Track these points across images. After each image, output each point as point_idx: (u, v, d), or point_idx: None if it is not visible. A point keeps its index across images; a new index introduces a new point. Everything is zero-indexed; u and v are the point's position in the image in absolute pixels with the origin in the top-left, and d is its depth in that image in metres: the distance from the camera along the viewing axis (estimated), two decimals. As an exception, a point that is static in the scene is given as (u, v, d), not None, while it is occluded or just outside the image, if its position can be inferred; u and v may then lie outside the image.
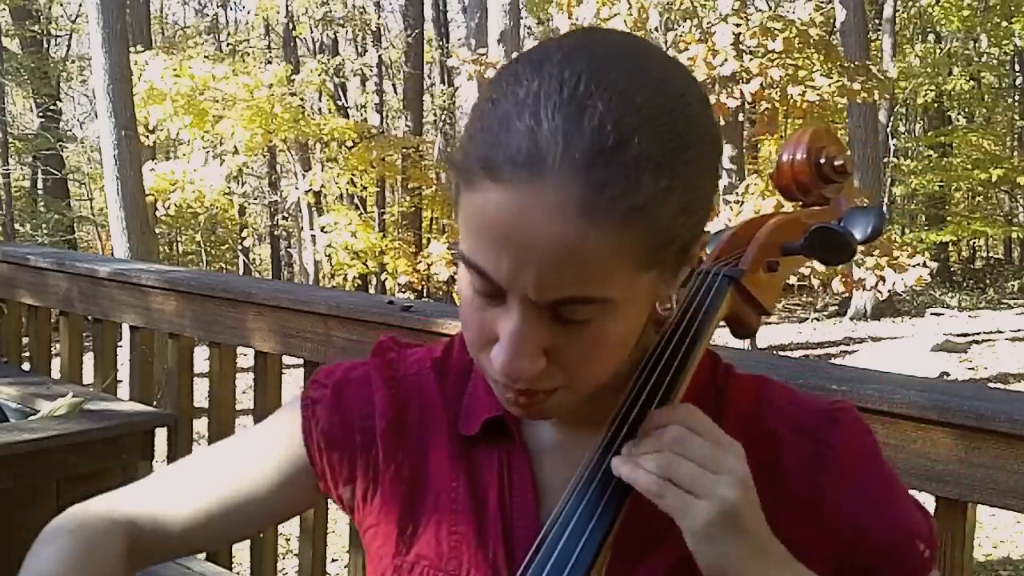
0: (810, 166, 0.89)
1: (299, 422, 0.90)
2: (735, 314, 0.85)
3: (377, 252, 13.94)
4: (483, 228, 0.66)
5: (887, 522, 0.79)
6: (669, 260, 0.70)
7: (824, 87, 8.68)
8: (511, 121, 0.65)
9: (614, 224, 0.64)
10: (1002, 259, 21.51)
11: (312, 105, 17.07)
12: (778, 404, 0.82)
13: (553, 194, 0.63)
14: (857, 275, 8.28)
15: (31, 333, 3.34)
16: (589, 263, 0.64)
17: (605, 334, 0.69)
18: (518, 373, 0.69)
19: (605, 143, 0.63)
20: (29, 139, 16.55)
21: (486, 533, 0.81)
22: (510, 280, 0.66)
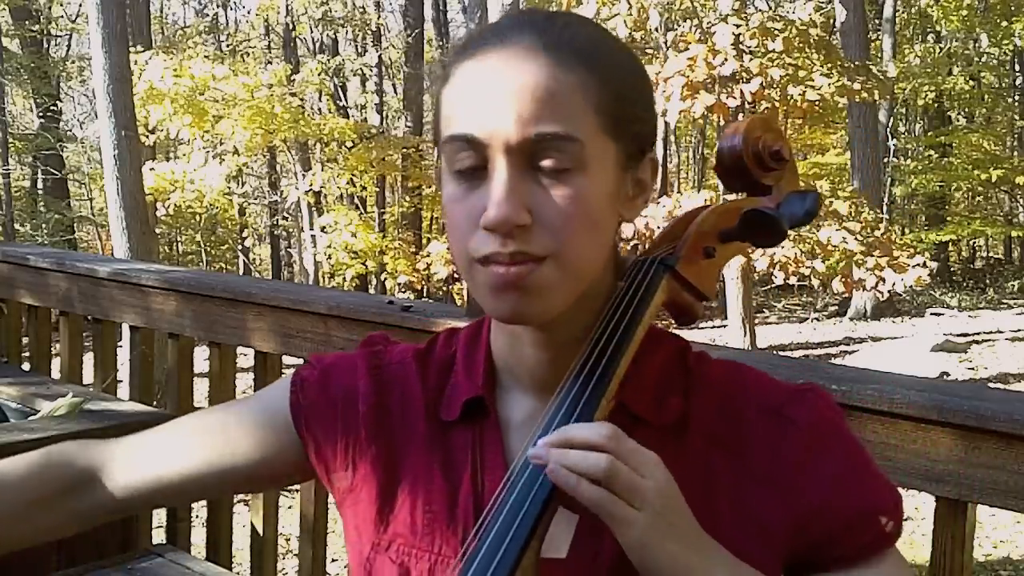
0: (747, 155, 0.92)
1: (287, 397, 0.95)
2: (673, 300, 0.88)
3: (377, 252, 13.94)
4: (463, 93, 0.78)
5: (847, 495, 0.81)
6: (627, 141, 0.80)
7: (824, 87, 8.68)
8: (480, 27, 0.84)
9: (573, 64, 0.77)
10: (1002, 259, 21.50)
11: (312, 105, 17.06)
12: (747, 385, 0.86)
13: (518, 46, 0.77)
14: (857, 275, 8.28)
15: (31, 333, 3.34)
16: (557, 96, 0.75)
17: (582, 193, 0.76)
18: (507, 220, 0.74)
19: (555, 17, 0.80)
20: (29, 139, 16.55)
21: (457, 510, 0.85)
22: (491, 128, 0.75)
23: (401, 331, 2.05)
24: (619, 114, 0.79)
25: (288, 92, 13.74)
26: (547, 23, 0.79)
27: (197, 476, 0.96)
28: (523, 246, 0.75)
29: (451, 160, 0.78)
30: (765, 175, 0.93)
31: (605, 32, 0.84)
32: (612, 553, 0.79)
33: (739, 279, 10.08)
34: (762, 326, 12.49)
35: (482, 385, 0.88)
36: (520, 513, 0.74)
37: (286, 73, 14.09)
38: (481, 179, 0.77)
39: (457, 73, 0.79)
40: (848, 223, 8.39)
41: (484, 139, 0.75)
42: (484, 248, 0.76)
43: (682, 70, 8.38)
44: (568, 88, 0.76)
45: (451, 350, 0.94)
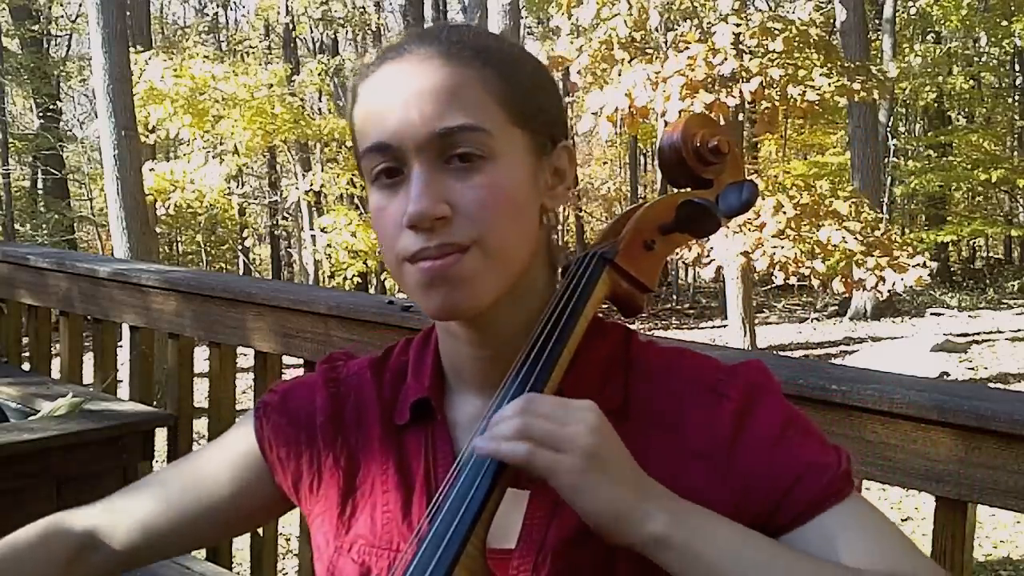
0: (687, 151, 0.94)
1: (252, 426, 0.99)
2: (615, 292, 0.91)
3: (377, 252, 13.93)
4: (369, 107, 0.83)
5: (780, 457, 0.81)
6: (535, 130, 0.84)
7: (824, 87, 8.68)
8: (374, 56, 0.86)
9: (469, 59, 0.81)
10: (1002, 259, 21.50)
11: (312, 105, 17.06)
12: (686, 366, 0.88)
13: (417, 56, 0.82)
14: (857, 275, 8.28)
15: (31, 333, 3.34)
16: (459, 91, 0.80)
17: (496, 180, 0.80)
18: (425, 214, 0.78)
19: (451, 26, 0.85)
20: (29, 139, 16.56)
21: (412, 509, 0.88)
22: (400, 131, 0.79)
23: (401, 331, 2.05)
24: (522, 104, 0.83)
25: (288, 92, 13.73)
26: (440, 32, 0.84)
27: (187, 518, 0.98)
28: (447, 238, 0.79)
29: (370, 172, 0.82)
30: (705, 169, 0.95)
31: (498, 36, 0.90)
32: (557, 540, 0.82)
33: (739, 279, 10.08)
34: (762, 326, 12.49)
35: (428, 387, 0.91)
36: (463, 502, 0.76)
37: (286, 73, 14.09)
38: (400, 184, 0.81)
39: (362, 91, 0.84)
40: (848, 223, 8.39)
41: (395, 143, 0.80)
42: (411, 246, 0.79)
43: (682, 70, 8.38)
44: (467, 81, 0.80)
45: (406, 356, 0.97)
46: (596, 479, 0.73)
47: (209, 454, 1.02)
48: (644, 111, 8.72)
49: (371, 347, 2.15)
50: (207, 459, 1.01)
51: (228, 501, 0.98)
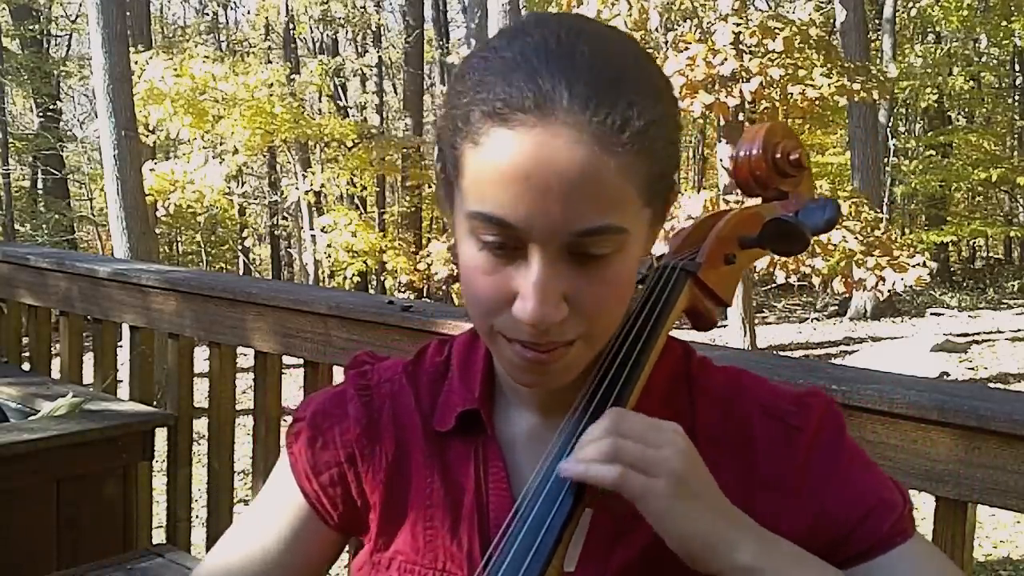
0: (766, 161, 0.91)
1: (288, 466, 0.92)
2: (694, 307, 0.88)
3: (377, 251, 13.95)
4: (500, 175, 0.69)
5: (856, 494, 0.81)
6: (659, 199, 0.75)
7: (824, 87, 8.68)
8: (507, 76, 0.70)
9: (623, 148, 0.69)
10: (1002, 259, 21.50)
11: (312, 105, 17.06)
12: (751, 391, 0.85)
13: (565, 127, 0.68)
14: (857, 275, 8.28)
15: (31, 333, 3.34)
16: (607, 188, 0.69)
17: (618, 273, 0.73)
18: (546, 320, 0.71)
19: (602, 77, 0.70)
20: (29, 139, 16.55)
21: (461, 526, 0.83)
22: (531, 220, 0.69)
23: (401, 331, 2.05)
24: (659, 181, 0.74)
25: (288, 92, 13.73)
26: (596, 86, 0.69)
27: None
28: (556, 336, 0.73)
29: (477, 231, 0.72)
30: (782, 181, 0.92)
31: (652, 73, 0.74)
32: (619, 567, 0.79)
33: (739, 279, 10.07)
34: (762, 326, 12.49)
35: (479, 398, 0.85)
36: (543, 527, 0.72)
37: (285, 73, 14.09)
38: (512, 257, 0.72)
39: (488, 141, 0.70)
40: (848, 223, 8.39)
41: (522, 227, 0.69)
42: (514, 333, 0.73)
43: (682, 70, 8.39)
44: (618, 177, 0.69)
45: (442, 357, 0.92)
46: (687, 505, 0.71)
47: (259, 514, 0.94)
48: (644, 111, 8.69)
49: (371, 347, 2.15)
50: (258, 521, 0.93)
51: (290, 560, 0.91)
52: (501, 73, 0.70)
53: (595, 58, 0.70)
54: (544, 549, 0.72)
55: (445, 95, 0.76)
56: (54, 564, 2.18)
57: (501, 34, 0.75)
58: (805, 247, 0.86)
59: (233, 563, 0.91)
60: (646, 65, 0.74)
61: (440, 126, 0.76)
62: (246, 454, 3.26)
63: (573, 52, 0.70)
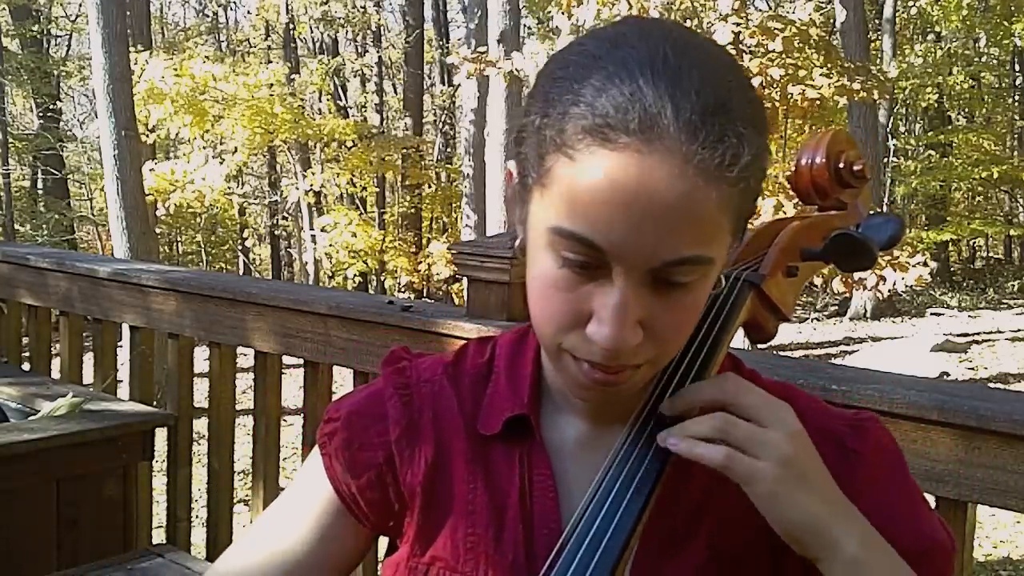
0: (829, 170, 0.89)
1: (321, 464, 0.89)
2: (754, 319, 0.85)
3: (377, 252, 13.95)
4: (596, 196, 0.66)
5: (910, 531, 0.78)
6: (743, 225, 0.73)
7: (824, 87, 8.68)
8: (608, 90, 0.66)
9: (726, 182, 0.66)
10: (1002, 259, 21.49)
11: (312, 105, 17.06)
12: (803, 409, 0.81)
13: (670, 155, 0.65)
14: (857, 275, 8.27)
15: (31, 333, 3.34)
16: (704, 221, 0.67)
17: (697, 300, 0.71)
18: (622, 345, 0.69)
19: (709, 104, 0.66)
20: (29, 139, 16.55)
21: (504, 534, 0.80)
22: (623, 246, 0.66)
23: (401, 331, 2.05)
24: (748, 212, 0.72)
25: (288, 92, 13.74)
26: (702, 111, 0.66)
27: None
28: (628, 360, 0.71)
29: (560, 247, 0.69)
30: (843, 192, 0.90)
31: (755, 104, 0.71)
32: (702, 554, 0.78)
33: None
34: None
35: (527, 403, 0.83)
36: (607, 534, 0.71)
37: (285, 73, 14.09)
38: (593, 276, 0.69)
39: (588, 158, 0.66)
40: (848, 223, 8.39)
41: (609, 251, 0.67)
42: (584, 353, 0.71)
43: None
44: (715, 210, 0.67)
45: (484, 358, 0.89)
46: (795, 488, 0.70)
47: (287, 512, 0.91)
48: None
49: (371, 347, 2.16)
50: (286, 519, 0.90)
51: (319, 559, 0.88)
52: (603, 86, 0.67)
53: (704, 82, 0.67)
54: (610, 554, 0.70)
55: (532, 94, 0.72)
56: (54, 564, 2.18)
57: (598, 38, 0.71)
58: (872, 264, 0.83)
59: (258, 559, 0.89)
60: (749, 91, 0.71)
61: (524, 126, 0.72)
62: (246, 454, 3.26)
63: (681, 73, 0.67)
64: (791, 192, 5.63)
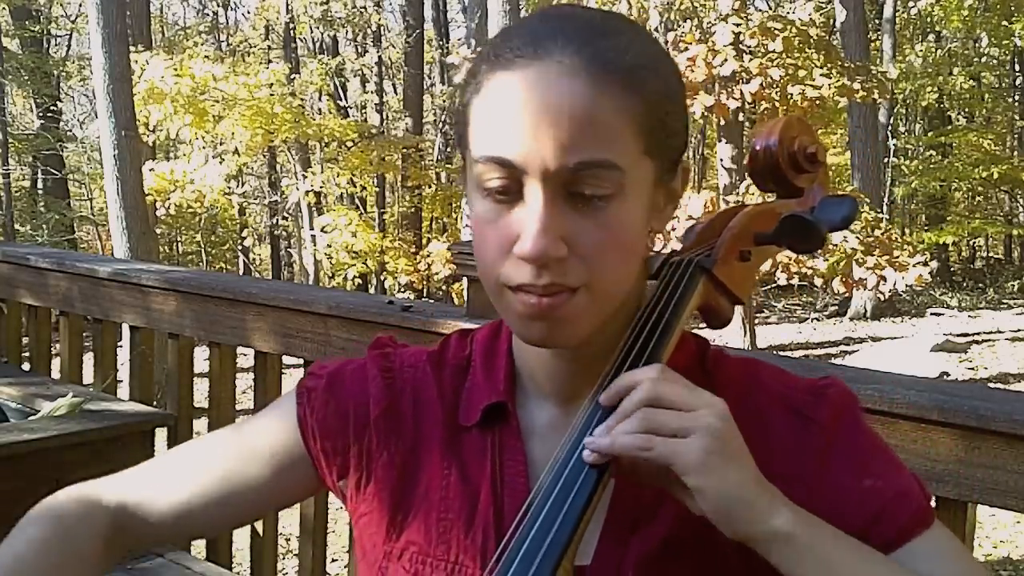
0: (783, 156, 0.90)
1: (295, 411, 0.92)
2: (708, 304, 0.86)
3: (377, 252, 13.95)
4: (498, 111, 0.74)
5: (874, 483, 0.80)
6: (664, 156, 0.78)
7: (824, 87, 8.68)
8: (512, 30, 0.77)
9: (615, 84, 0.72)
10: (1002, 259, 21.49)
11: (312, 105, 17.06)
12: (767, 383, 0.84)
13: (558, 64, 0.72)
14: (858, 274, 8.28)
15: (31, 333, 3.34)
16: (599, 121, 0.72)
17: (619, 221, 0.74)
18: (544, 253, 0.72)
19: (596, 27, 0.75)
20: (29, 139, 16.55)
21: (476, 518, 0.83)
22: (527, 154, 0.72)
23: (401, 331, 2.05)
24: (659, 132, 0.76)
25: (288, 92, 13.74)
26: (588, 34, 0.74)
27: (221, 506, 0.93)
28: (558, 278, 0.73)
29: (481, 178, 0.75)
30: (798, 177, 0.91)
31: (648, 40, 0.79)
32: (636, 559, 0.79)
33: (739, 279, 10.06)
34: (762, 326, 12.49)
35: (504, 391, 0.86)
36: (558, 517, 0.72)
37: (285, 73, 14.09)
38: (514, 201, 0.74)
39: (490, 85, 0.75)
40: (848, 223, 8.38)
41: (520, 164, 0.72)
42: (517, 277, 0.74)
43: (682, 70, 8.39)
44: (610, 112, 0.72)
45: (465, 352, 0.92)
46: (724, 461, 0.70)
47: (247, 436, 0.95)
48: (644, 111, 8.71)
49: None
50: (245, 442, 0.94)
51: (266, 488, 0.92)
52: (506, 32, 0.78)
53: (591, 19, 0.77)
54: (561, 536, 0.71)
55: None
56: (54, 564, 2.17)
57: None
58: (822, 244, 0.85)
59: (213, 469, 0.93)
60: (647, 37, 0.79)
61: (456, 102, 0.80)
62: (246, 454, 3.26)
63: (572, 14, 0.77)
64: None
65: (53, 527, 0.91)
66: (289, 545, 4.79)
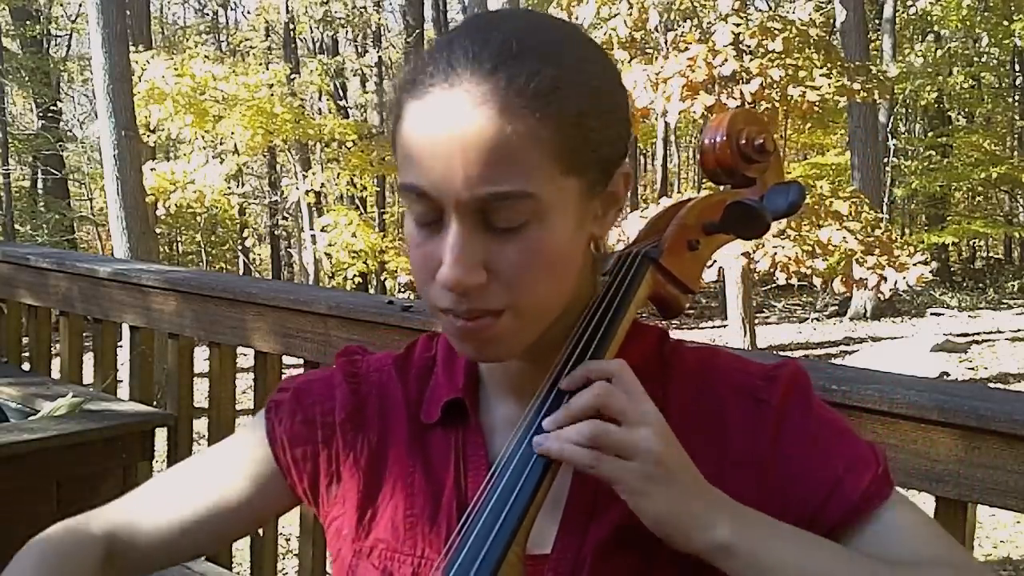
0: (731, 148, 0.91)
1: (264, 427, 0.94)
2: (658, 293, 0.88)
3: (377, 252, 13.95)
4: (412, 142, 0.73)
5: (819, 466, 0.81)
6: (591, 170, 0.76)
7: (824, 87, 8.68)
8: (430, 57, 0.75)
9: (525, 113, 0.71)
10: (1002, 259, 21.50)
11: (312, 105, 17.06)
12: (723, 369, 0.86)
13: (466, 93, 0.71)
14: (858, 274, 8.28)
15: (31, 333, 3.34)
16: (509, 153, 0.70)
17: (540, 243, 0.74)
18: (460, 282, 0.73)
19: (510, 51, 0.72)
20: (29, 139, 16.56)
21: (440, 513, 0.84)
22: (439, 184, 0.72)
23: (401, 331, 2.05)
24: (581, 150, 0.74)
25: (288, 92, 13.74)
26: (501, 56, 0.72)
27: (203, 530, 0.95)
28: (479, 303, 0.74)
29: (407, 203, 0.76)
30: (748, 167, 0.93)
31: (570, 51, 0.75)
32: (595, 545, 0.80)
33: (739, 279, 10.08)
34: (762, 326, 12.49)
35: (462, 388, 0.87)
36: (506, 506, 0.74)
37: (285, 73, 14.09)
38: (437, 228, 0.74)
39: (407, 113, 0.75)
40: (848, 223, 8.39)
41: (434, 195, 0.73)
42: (441, 301, 0.75)
43: (682, 70, 8.39)
44: (520, 141, 0.71)
45: (431, 353, 0.93)
46: (661, 486, 0.73)
47: (221, 458, 0.98)
48: (645, 111, 8.73)
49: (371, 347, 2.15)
50: (220, 464, 0.97)
51: (246, 505, 0.94)
52: (425, 56, 0.75)
53: (510, 32, 0.74)
54: (506, 530, 0.73)
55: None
56: (54, 564, 2.17)
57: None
58: (766, 230, 0.86)
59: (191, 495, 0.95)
60: (571, 43, 0.76)
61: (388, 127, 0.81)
62: (246, 454, 3.26)
63: (490, 31, 0.74)
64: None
65: (48, 561, 0.91)
66: (289, 545, 4.79)
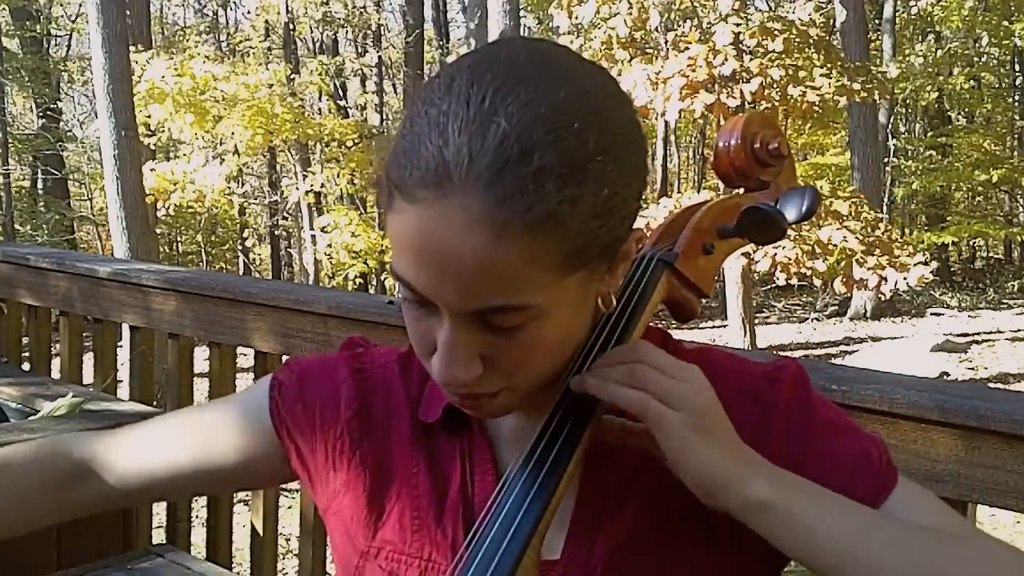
0: (745, 151, 0.91)
1: (267, 403, 0.94)
2: (672, 297, 0.88)
3: (377, 251, 13.95)
4: (403, 245, 0.69)
5: (829, 468, 0.81)
6: (594, 261, 0.72)
7: (824, 87, 8.68)
8: (422, 141, 0.67)
9: (521, 235, 0.65)
10: (1002, 259, 21.49)
11: (312, 105, 17.06)
12: (723, 371, 0.85)
13: (459, 211, 0.65)
14: (859, 274, 8.28)
15: (31, 333, 3.34)
16: (504, 274, 0.67)
17: (539, 338, 0.72)
18: (456, 380, 0.72)
19: (508, 157, 0.65)
20: (29, 139, 16.55)
21: (445, 515, 0.84)
22: (431, 293, 0.69)
23: (402, 331, 2.04)
24: (589, 251, 0.70)
25: (288, 92, 13.74)
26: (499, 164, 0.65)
27: (186, 472, 0.96)
28: (475, 388, 0.74)
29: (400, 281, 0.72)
30: (763, 171, 0.93)
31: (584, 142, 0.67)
32: (605, 552, 0.79)
33: (739, 279, 10.08)
34: (762, 326, 12.49)
35: None
36: (521, 511, 0.73)
37: (286, 73, 14.10)
38: (430, 312, 0.72)
39: (396, 206, 0.69)
40: (848, 223, 8.39)
41: (430, 298, 0.70)
42: (438, 378, 0.74)
43: (682, 70, 8.39)
44: (512, 261, 0.66)
45: None
46: (703, 438, 0.73)
47: (221, 415, 0.98)
48: (645, 111, 8.73)
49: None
50: (218, 420, 0.97)
51: (233, 466, 0.95)
52: (417, 138, 0.68)
53: (510, 131, 0.65)
54: (526, 524, 0.73)
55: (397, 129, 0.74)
56: (54, 564, 2.17)
57: (442, 75, 0.71)
58: (782, 235, 0.86)
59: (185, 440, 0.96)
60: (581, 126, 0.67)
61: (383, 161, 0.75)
62: (246, 454, 3.26)
63: (488, 124, 0.65)
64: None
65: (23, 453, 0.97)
66: (289, 545, 4.79)
